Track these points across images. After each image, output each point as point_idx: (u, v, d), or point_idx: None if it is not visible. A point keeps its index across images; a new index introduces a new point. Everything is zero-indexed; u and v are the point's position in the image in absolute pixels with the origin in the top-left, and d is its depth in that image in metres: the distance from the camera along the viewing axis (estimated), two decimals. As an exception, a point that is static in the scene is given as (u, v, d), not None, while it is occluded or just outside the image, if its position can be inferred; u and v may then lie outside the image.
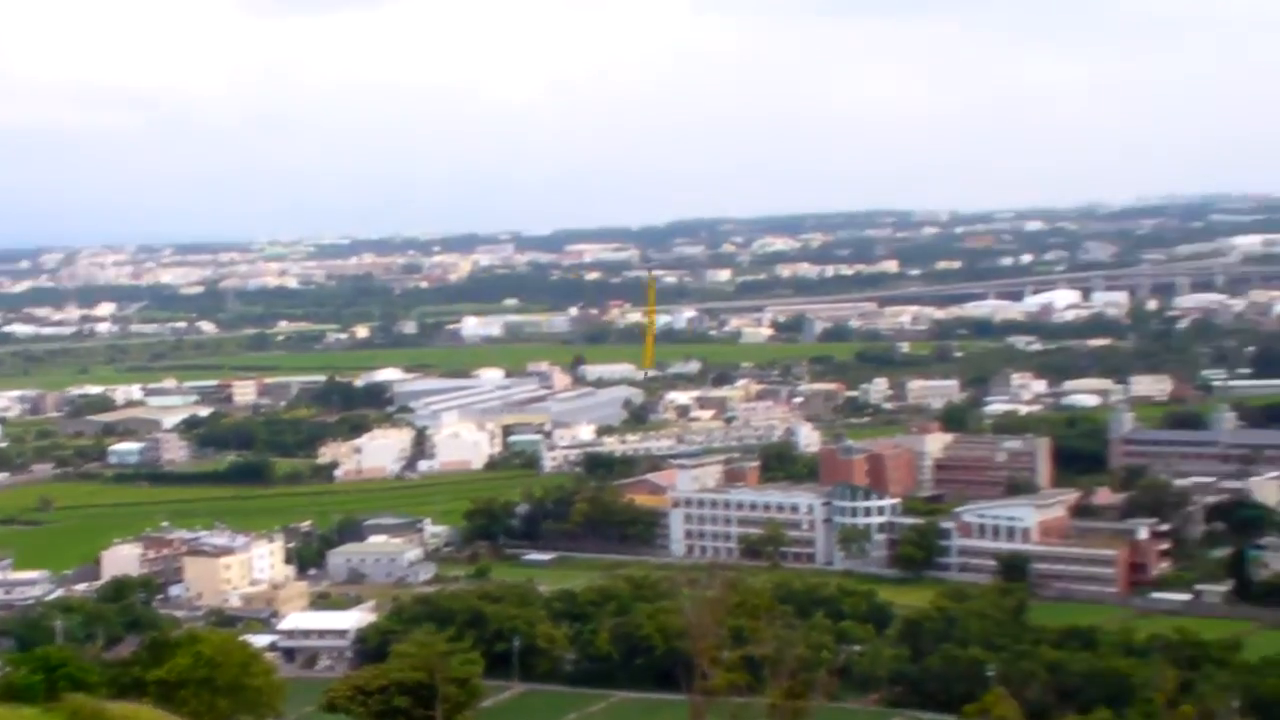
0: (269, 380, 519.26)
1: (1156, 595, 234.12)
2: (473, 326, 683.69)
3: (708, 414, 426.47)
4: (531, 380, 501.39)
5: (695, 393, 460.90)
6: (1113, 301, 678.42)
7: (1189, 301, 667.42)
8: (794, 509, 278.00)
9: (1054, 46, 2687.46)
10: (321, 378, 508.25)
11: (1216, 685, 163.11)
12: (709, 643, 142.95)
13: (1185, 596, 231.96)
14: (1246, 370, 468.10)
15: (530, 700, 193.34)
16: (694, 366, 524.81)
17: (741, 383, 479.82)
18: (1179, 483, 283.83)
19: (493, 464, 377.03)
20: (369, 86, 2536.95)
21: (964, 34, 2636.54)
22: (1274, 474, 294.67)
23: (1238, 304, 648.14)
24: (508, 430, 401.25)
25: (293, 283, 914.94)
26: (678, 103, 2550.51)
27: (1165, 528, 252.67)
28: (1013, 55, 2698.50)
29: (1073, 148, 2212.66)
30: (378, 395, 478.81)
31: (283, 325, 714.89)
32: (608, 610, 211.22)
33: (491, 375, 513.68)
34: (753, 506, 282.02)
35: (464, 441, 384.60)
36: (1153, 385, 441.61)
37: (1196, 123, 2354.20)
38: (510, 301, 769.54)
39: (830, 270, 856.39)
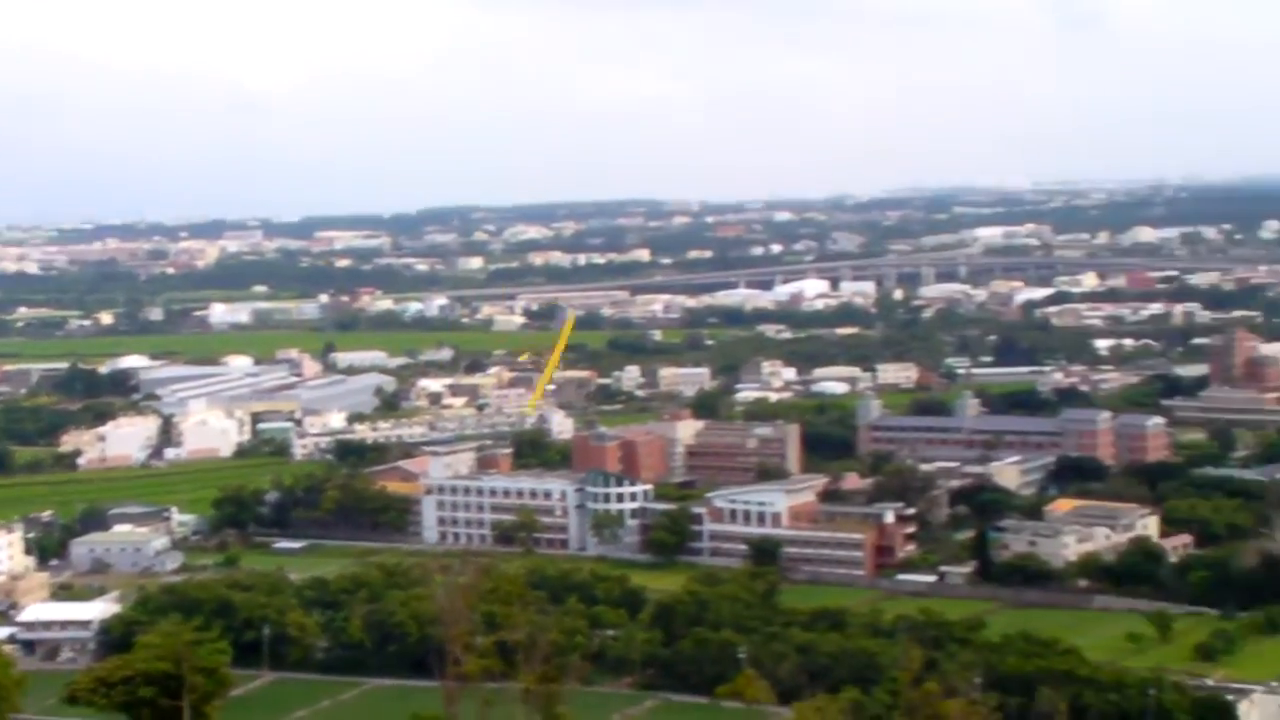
0: (8, 367, 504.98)
1: (903, 577, 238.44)
2: (221, 313, 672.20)
3: (460, 401, 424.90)
4: (281, 368, 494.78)
5: (447, 380, 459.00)
6: (860, 291, 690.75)
7: (933, 291, 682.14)
8: (547, 495, 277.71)
9: (803, 43, 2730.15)
10: (64, 365, 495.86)
11: (960, 663, 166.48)
12: (462, 629, 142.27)
13: (930, 578, 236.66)
14: (988, 358, 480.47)
15: (281, 689, 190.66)
16: (446, 354, 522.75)
17: (494, 370, 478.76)
18: (924, 468, 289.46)
19: (242, 452, 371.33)
20: (113, 69, 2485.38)
21: (714, 29, 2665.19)
22: (1014, 459, 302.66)
23: (980, 294, 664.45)
24: (257, 418, 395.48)
25: (33, 268, 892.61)
26: (430, 93, 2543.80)
27: (911, 511, 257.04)
28: (762, 51, 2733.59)
29: (821, 141, 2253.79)
30: (123, 383, 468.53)
31: (22, 311, 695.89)
32: (360, 598, 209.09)
33: (240, 363, 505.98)
34: (505, 493, 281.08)
35: (212, 429, 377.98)
36: (899, 373, 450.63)
37: (941, 118, 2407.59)
38: (259, 288, 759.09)
39: (582, 259, 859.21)
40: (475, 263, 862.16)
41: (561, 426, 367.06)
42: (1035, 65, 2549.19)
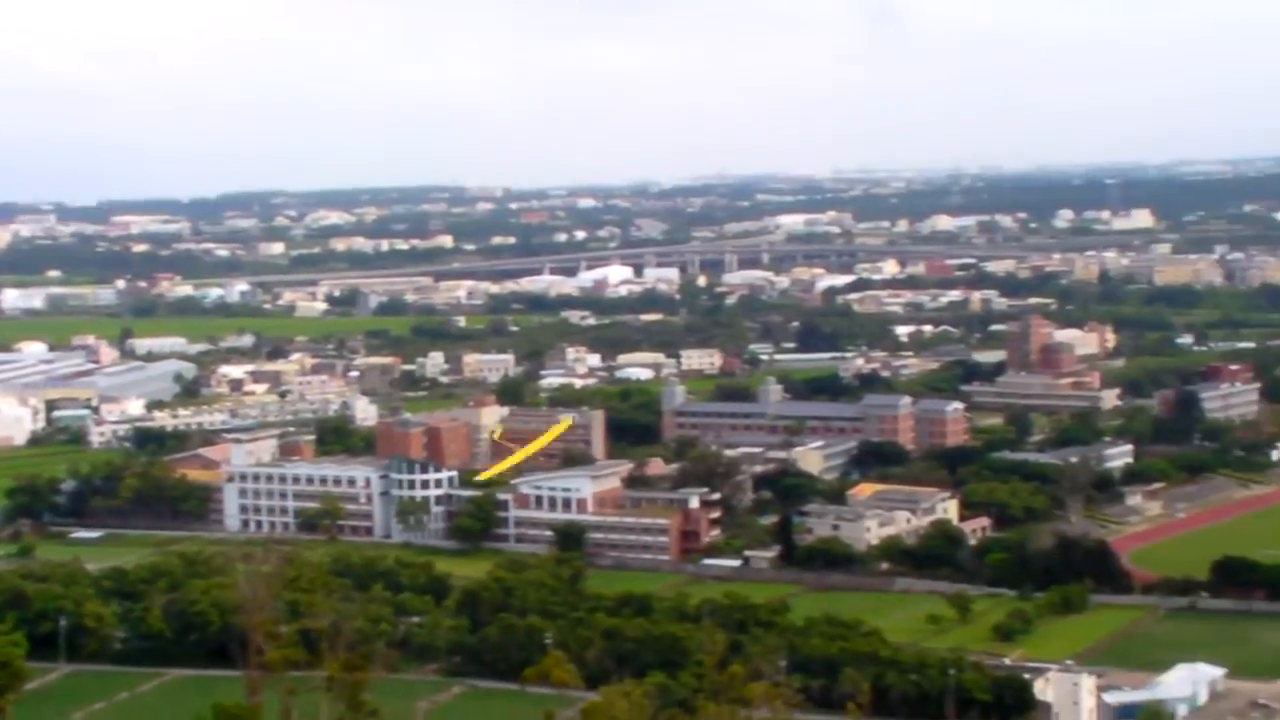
0: None
1: (708, 561, 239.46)
2: (13, 299, 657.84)
3: (262, 388, 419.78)
4: (77, 354, 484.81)
5: (249, 366, 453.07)
6: (664, 277, 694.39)
7: (737, 278, 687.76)
8: (351, 482, 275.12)
9: (609, 32, 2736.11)
10: None
11: (765, 647, 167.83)
12: (265, 617, 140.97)
13: (735, 562, 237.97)
14: (791, 344, 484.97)
15: (78, 681, 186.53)
16: (248, 340, 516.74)
17: (296, 356, 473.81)
18: (728, 453, 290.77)
19: (36, 440, 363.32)
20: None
21: (521, 17, 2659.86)
22: (817, 444, 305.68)
23: (782, 280, 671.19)
24: (52, 405, 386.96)
25: None
26: (230, 75, 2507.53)
27: (716, 496, 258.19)
28: (568, 39, 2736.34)
29: (626, 128, 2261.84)
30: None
31: None
32: (160, 587, 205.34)
33: (34, 349, 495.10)
34: (309, 480, 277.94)
35: (4, 417, 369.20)
36: (703, 359, 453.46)
37: (744, 107, 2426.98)
38: (53, 273, 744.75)
39: (385, 244, 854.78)
40: (277, 248, 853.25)
41: (365, 413, 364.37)
42: (838, 58, 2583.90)
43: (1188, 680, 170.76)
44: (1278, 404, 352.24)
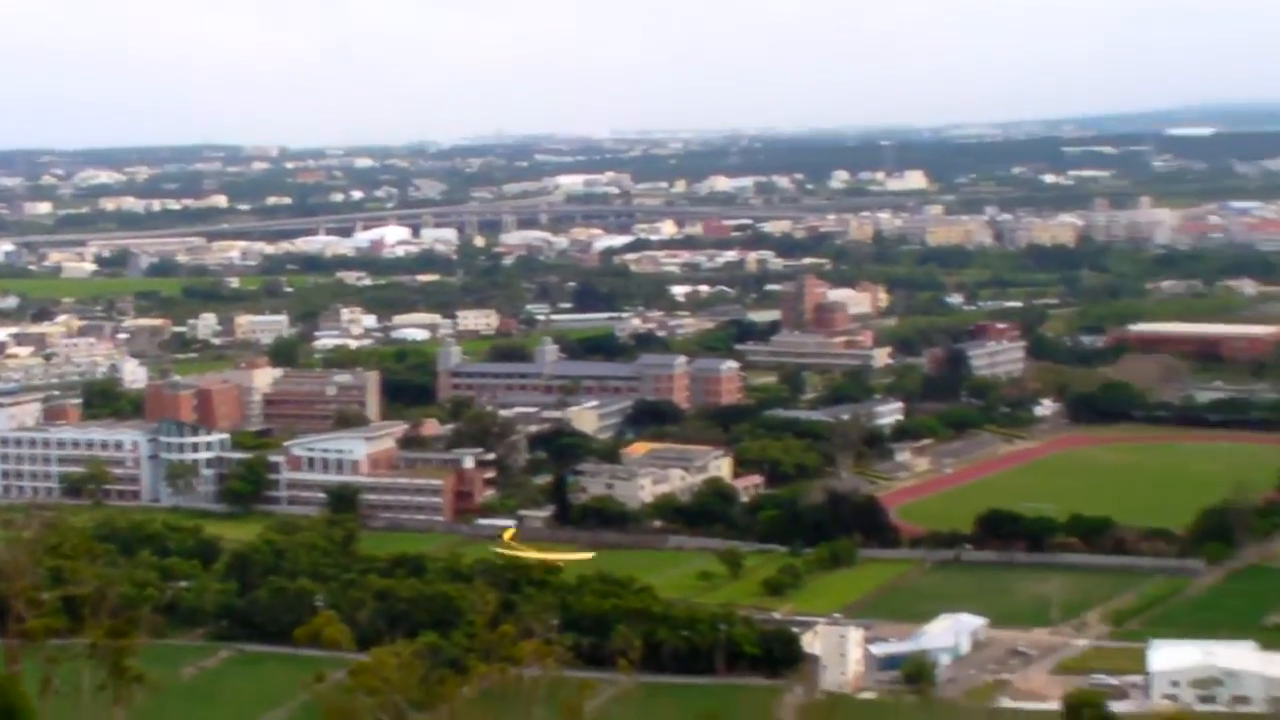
0: None
1: (482, 521, 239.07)
2: None
3: (26, 351, 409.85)
4: None
5: (13, 329, 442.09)
6: (442, 238, 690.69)
7: (515, 238, 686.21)
8: (118, 446, 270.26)
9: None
10: None
11: (537, 605, 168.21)
12: (25, 584, 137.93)
13: (510, 522, 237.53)
14: (568, 305, 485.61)
15: None
16: (12, 302, 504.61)
17: (62, 318, 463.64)
18: (504, 413, 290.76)
19: None
20: None
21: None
22: (592, 403, 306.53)
23: (560, 241, 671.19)
24: None
25: None
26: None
27: (490, 457, 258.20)
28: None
29: (402, 87, 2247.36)
30: None
31: None
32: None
33: None
34: (74, 444, 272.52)
35: None
36: (479, 319, 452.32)
37: (522, 65, 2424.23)
38: None
39: (157, 204, 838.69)
40: (43, 208, 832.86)
41: (134, 375, 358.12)
42: (617, 18, 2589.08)
43: (950, 631, 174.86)
44: (1042, 361, 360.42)
